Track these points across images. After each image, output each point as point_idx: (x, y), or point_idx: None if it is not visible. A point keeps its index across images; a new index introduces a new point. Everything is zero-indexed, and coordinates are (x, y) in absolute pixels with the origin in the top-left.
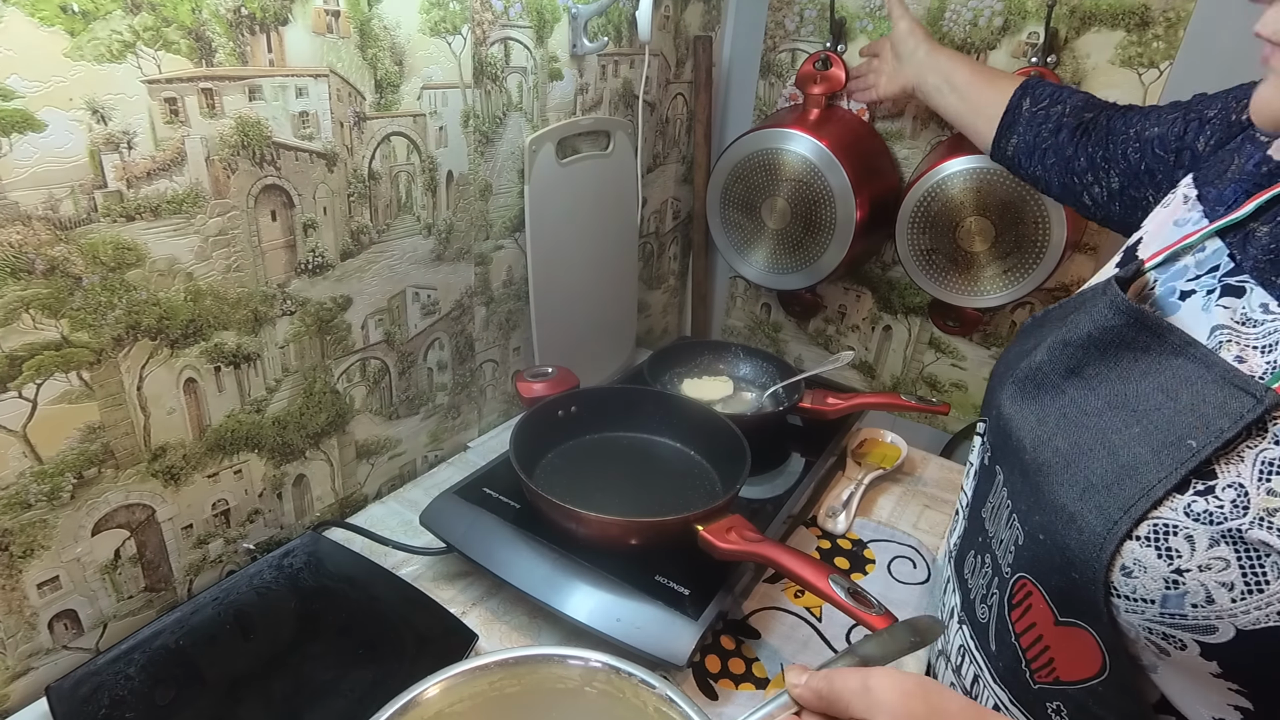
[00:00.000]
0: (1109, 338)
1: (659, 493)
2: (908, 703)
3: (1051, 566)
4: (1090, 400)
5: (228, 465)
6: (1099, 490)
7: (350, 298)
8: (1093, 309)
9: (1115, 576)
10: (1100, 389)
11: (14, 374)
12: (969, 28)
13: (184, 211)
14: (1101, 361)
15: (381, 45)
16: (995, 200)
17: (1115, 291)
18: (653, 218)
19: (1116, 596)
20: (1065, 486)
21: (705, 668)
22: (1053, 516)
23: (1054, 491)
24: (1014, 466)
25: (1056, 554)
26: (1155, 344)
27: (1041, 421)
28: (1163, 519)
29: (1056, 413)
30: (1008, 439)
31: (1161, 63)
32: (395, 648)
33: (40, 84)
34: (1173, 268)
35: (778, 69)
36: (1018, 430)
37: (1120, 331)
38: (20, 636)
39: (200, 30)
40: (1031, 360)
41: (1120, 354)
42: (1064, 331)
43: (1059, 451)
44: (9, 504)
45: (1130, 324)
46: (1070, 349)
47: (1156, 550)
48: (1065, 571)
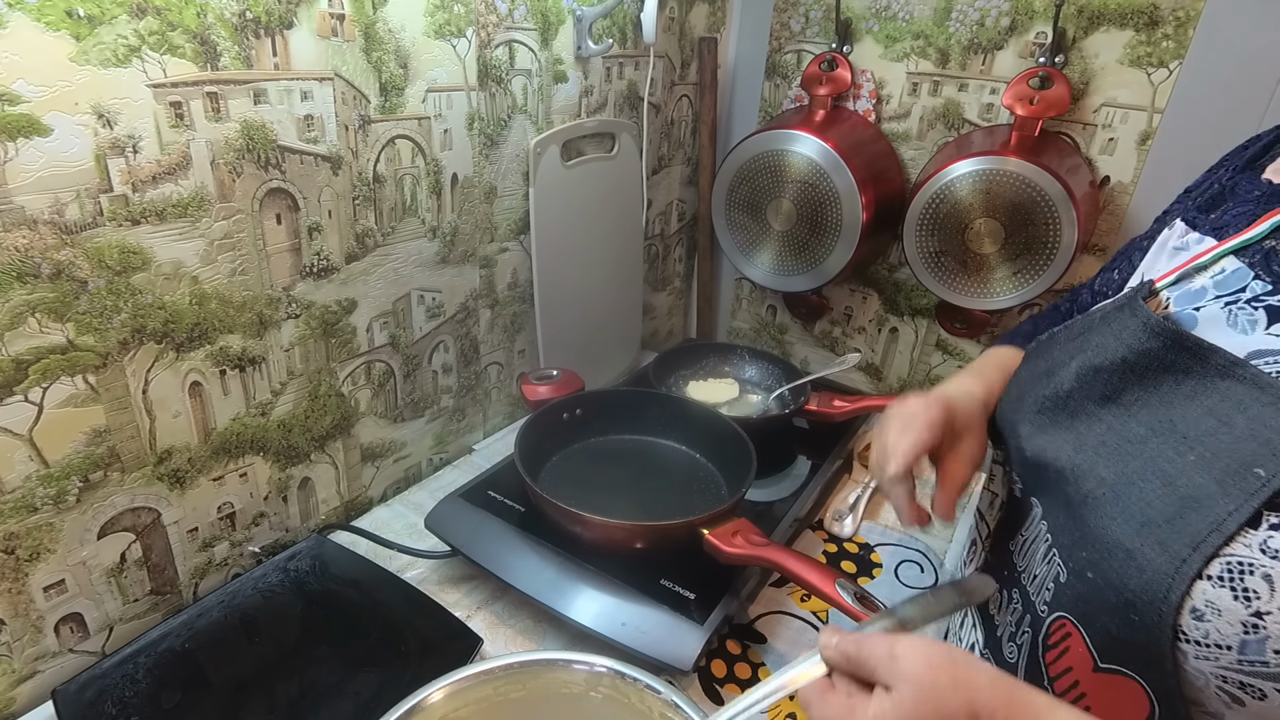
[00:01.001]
0: (1146, 361)
1: (664, 496)
2: (933, 673)
3: (1102, 607)
4: (1132, 427)
5: (233, 468)
6: (1159, 525)
7: (355, 301)
8: (1122, 331)
9: (1184, 620)
10: (1141, 415)
11: (20, 378)
12: (976, 28)
13: (189, 215)
14: (1140, 386)
15: (386, 48)
16: (1005, 201)
17: (1146, 312)
18: (658, 220)
19: (1185, 642)
20: (1118, 520)
21: (711, 673)
22: (1104, 553)
23: (1104, 526)
24: (1055, 499)
25: (1110, 594)
26: (1198, 366)
27: (1079, 450)
28: (1236, 556)
29: (1095, 440)
30: (1043, 470)
31: (1171, 62)
32: (400, 651)
33: (46, 89)
34: (1187, 289)
35: (783, 70)
36: (1053, 461)
37: (1158, 354)
38: (27, 639)
39: (205, 34)
40: (1057, 387)
41: (1160, 377)
42: (1091, 356)
43: (1104, 482)
44: (15, 507)
45: (1168, 346)
46: (1103, 374)
47: (1232, 591)
48: (1121, 613)
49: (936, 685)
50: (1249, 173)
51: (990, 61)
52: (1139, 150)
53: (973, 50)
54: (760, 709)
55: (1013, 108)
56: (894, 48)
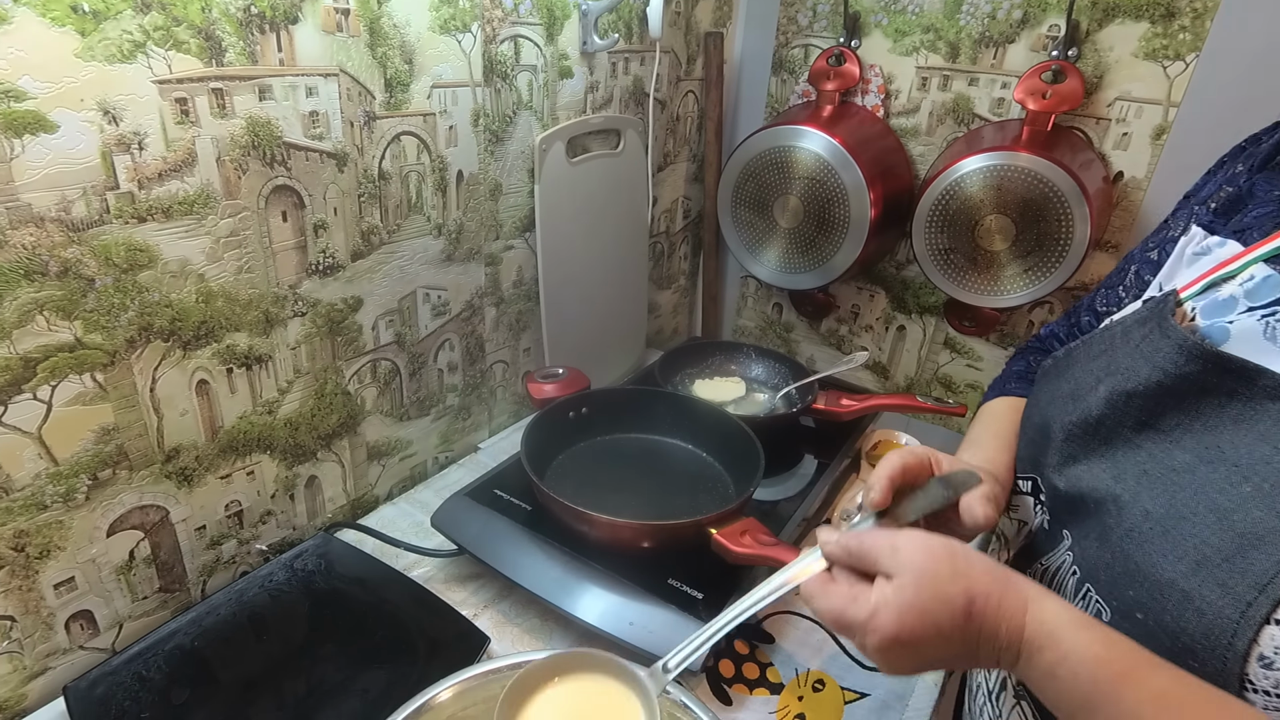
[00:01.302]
0: (1184, 386)
1: (671, 495)
2: (933, 561)
3: (1156, 650)
4: (1176, 454)
5: (240, 466)
6: (1217, 564)
7: (361, 299)
8: (1154, 354)
9: (1252, 668)
10: (1185, 441)
11: (29, 376)
12: (987, 21)
13: (195, 212)
14: (1179, 411)
15: (391, 44)
16: (1016, 198)
17: (1179, 332)
18: (663, 217)
19: (1253, 691)
20: (1169, 558)
21: (719, 672)
22: (1156, 593)
23: (1153, 563)
24: (1088, 532)
25: (1164, 638)
26: (1243, 388)
27: (1118, 479)
28: None
29: (1135, 470)
30: (1078, 501)
31: (1187, 55)
32: (407, 650)
33: (52, 85)
34: (1214, 299)
35: (790, 65)
36: (1090, 492)
37: (1197, 378)
38: (38, 636)
39: (210, 29)
40: (1086, 414)
41: (1200, 402)
42: (1121, 380)
43: (1150, 515)
44: (25, 505)
45: (1208, 368)
46: (1137, 400)
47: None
48: (1179, 658)
49: (936, 572)
50: (1267, 172)
51: (1001, 55)
52: (1153, 145)
53: (984, 44)
54: (765, 604)
55: (1024, 102)
56: (903, 41)
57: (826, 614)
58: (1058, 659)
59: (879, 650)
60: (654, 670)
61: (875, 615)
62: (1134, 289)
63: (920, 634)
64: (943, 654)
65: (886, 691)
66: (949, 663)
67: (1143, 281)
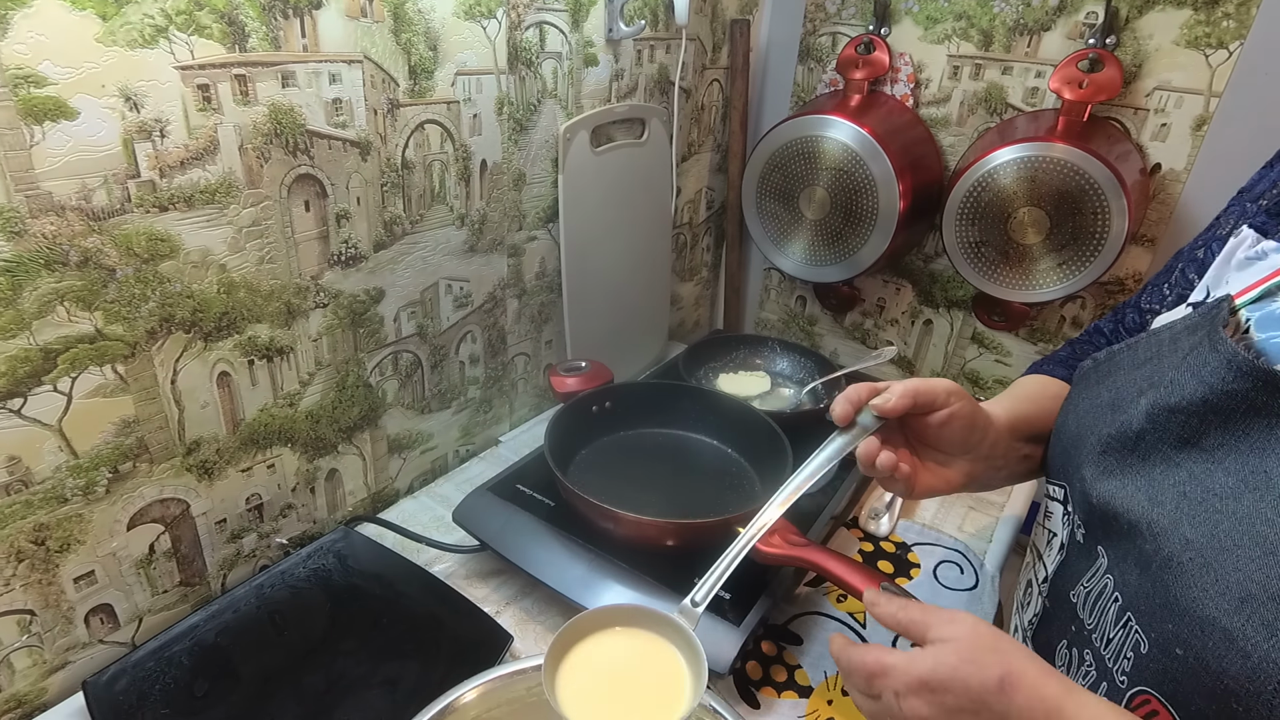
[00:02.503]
0: (1231, 404)
1: (697, 491)
2: (978, 635)
3: (1197, 689)
4: (1218, 478)
5: (261, 459)
6: (1263, 602)
7: (383, 290)
8: (1201, 368)
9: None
10: (1229, 463)
11: (49, 367)
12: (1022, 8)
13: (217, 202)
14: (1225, 431)
15: (416, 29)
16: (1051, 190)
17: (1230, 346)
18: (686, 208)
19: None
20: (1210, 594)
21: (746, 675)
22: (1197, 630)
23: (1193, 598)
24: (1126, 554)
25: (1206, 678)
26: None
27: (1155, 502)
28: None
29: (1174, 492)
30: (1112, 520)
31: (1231, 43)
32: (428, 647)
33: (72, 70)
34: (1271, 310)
35: (817, 53)
36: (1126, 512)
37: (1246, 396)
38: (57, 630)
39: (233, 14)
40: (1125, 427)
41: (1249, 422)
42: (1166, 394)
43: (1190, 544)
44: (45, 498)
45: (1258, 387)
46: (1180, 416)
47: None
48: (1220, 700)
49: (979, 645)
50: None
51: (1036, 43)
52: (1193, 136)
53: (1018, 31)
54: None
55: (1060, 91)
56: (934, 29)
57: (862, 656)
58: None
59: (906, 691)
60: (684, 609)
61: (912, 661)
62: (1179, 287)
63: (949, 686)
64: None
65: None
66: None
67: (1187, 280)
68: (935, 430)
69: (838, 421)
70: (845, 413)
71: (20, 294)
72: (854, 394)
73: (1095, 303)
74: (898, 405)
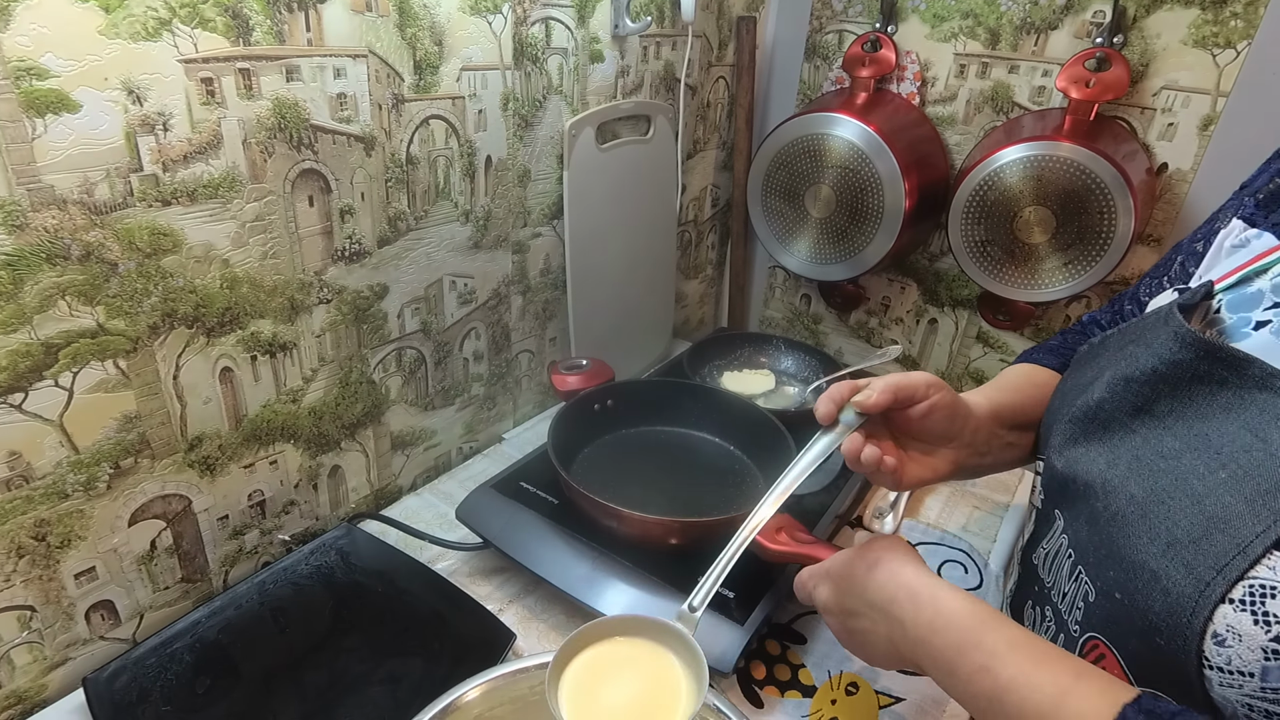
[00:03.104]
0: (1177, 373)
1: (700, 490)
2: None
3: (1131, 630)
4: (1166, 441)
5: (264, 456)
6: (1185, 545)
7: (387, 286)
8: (1154, 341)
9: (1208, 646)
10: (1177, 428)
11: (50, 362)
12: (1029, 7)
13: (220, 196)
14: (1173, 398)
15: (421, 24)
16: (1057, 189)
17: (1178, 321)
18: (691, 205)
19: (1209, 668)
20: (1144, 540)
21: (750, 674)
22: (1131, 574)
23: (1131, 545)
24: (1078, 514)
25: (1137, 617)
26: (1233, 377)
27: (1112, 465)
28: (1260, 579)
29: (1128, 455)
30: (1069, 483)
31: (1239, 43)
32: (431, 644)
33: (75, 63)
34: (1244, 292)
35: (824, 51)
36: (1084, 474)
37: (1190, 365)
38: (58, 627)
39: (237, 7)
40: (1089, 397)
41: (1193, 389)
42: (1124, 366)
43: (1133, 499)
44: (46, 494)
45: (1201, 356)
46: (1134, 385)
47: (1253, 615)
48: (1148, 637)
49: (876, 544)
50: None
51: (1043, 42)
52: (1200, 136)
53: (1025, 30)
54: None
55: (1067, 91)
56: (941, 27)
57: (799, 576)
58: (935, 612)
59: (817, 582)
60: (682, 614)
61: (823, 561)
62: (1178, 280)
63: (840, 571)
64: (851, 600)
65: (922, 696)
66: (863, 616)
67: (1186, 273)
68: (918, 422)
69: (821, 421)
70: (828, 412)
71: (22, 288)
72: (836, 393)
73: (1101, 302)
74: (879, 401)
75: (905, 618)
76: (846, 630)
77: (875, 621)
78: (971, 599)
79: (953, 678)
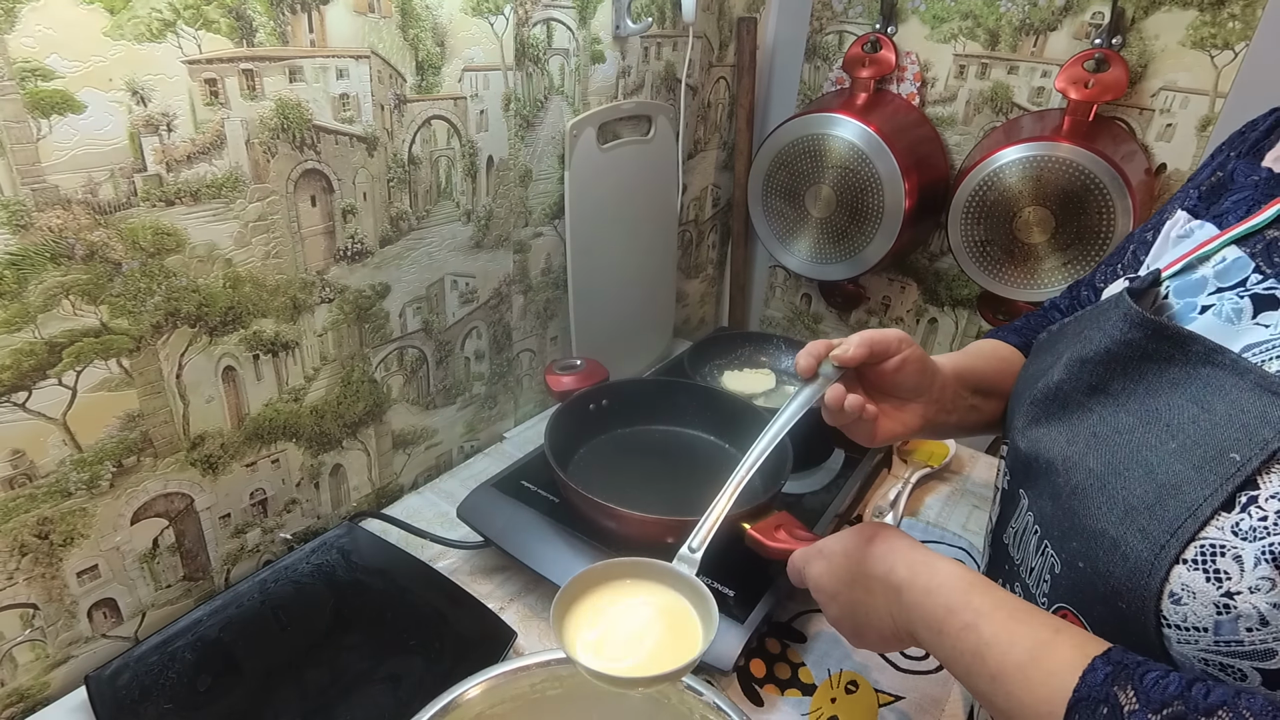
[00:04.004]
0: (1128, 352)
1: (695, 488)
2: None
3: (1095, 596)
4: (1121, 417)
5: (265, 454)
6: (1140, 512)
7: (389, 285)
8: (1106, 323)
9: (1164, 605)
10: (1130, 405)
11: (54, 361)
12: (1028, 8)
13: (223, 196)
14: (1125, 376)
15: (423, 25)
16: (1056, 189)
17: (1128, 304)
18: (692, 205)
19: (1168, 627)
20: (1103, 510)
21: (750, 672)
22: (1092, 543)
23: (1091, 516)
24: (1042, 491)
25: (1100, 583)
26: (1179, 354)
27: (1071, 442)
28: (1210, 539)
29: (1086, 432)
30: (1032, 462)
31: (1237, 44)
32: (432, 642)
33: (80, 64)
34: (1189, 279)
35: (824, 52)
36: (1045, 453)
37: (1140, 344)
38: (60, 625)
39: (241, 9)
40: (1049, 380)
41: (1144, 367)
42: (1079, 348)
43: (1092, 472)
44: (49, 492)
45: (1149, 336)
46: (1089, 366)
47: (1205, 573)
48: (1111, 601)
49: (870, 525)
50: (1249, 159)
51: (1042, 43)
52: (1199, 137)
53: (1024, 31)
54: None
55: (1066, 91)
56: (941, 28)
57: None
58: (930, 575)
59: (810, 561)
60: (683, 556)
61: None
62: (1130, 268)
63: (835, 549)
64: (846, 574)
65: (922, 695)
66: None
67: (1138, 261)
68: (890, 376)
69: (801, 374)
70: (808, 365)
71: (26, 287)
72: (814, 348)
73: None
74: (856, 354)
75: (902, 584)
76: (839, 604)
77: (870, 591)
78: (965, 568)
79: (940, 635)
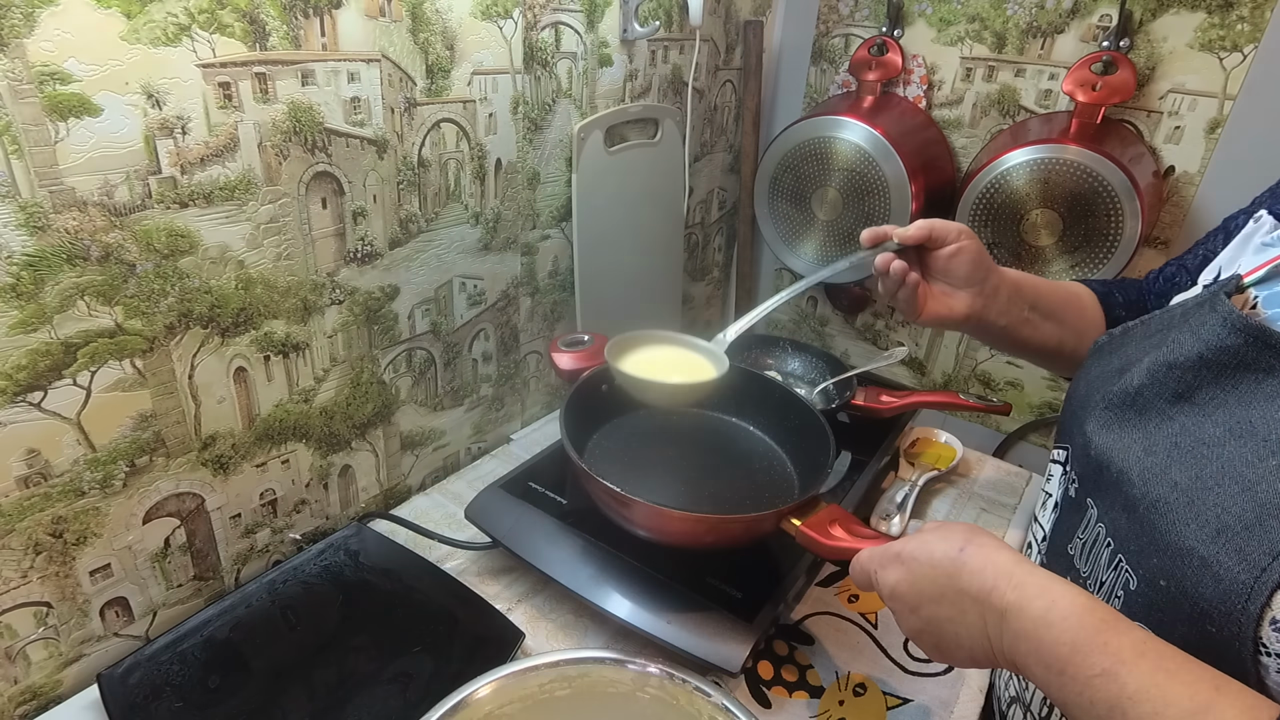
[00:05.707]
0: (1224, 359)
1: (722, 478)
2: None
3: (1179, 617)
4: (1207, 428)
5: (276, 455)
6: (1237, 532)
7: (398, 287)
8: (1200, 327)
9: (1265, 632)
10: (1218, 415)
11: (69, 361)
12: (1035, 10)
13: (236, 198)
14: (1216, 385)
15: (433, 29)
16: (1064, 192)
17: (1228, 307)
18: (698, 208)
19: (1266, 655)
20: (1191, 526)
21: (758, 674)
22: (1177, 560)
23: (1176, 532)
24: (1114, 501)
25: (1185, 604)
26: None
27: (1149, 451)
28: None
29: (1167, 442)
30: (1104, 470)
31: (1246, 46)
32: (440, 643)
33: (97, 67)
34: (1275, 289)
35: (830, 55)
36: (1119, 461)
37: (1238, 352)
38: (73, 623)
39: (254, 13)
40: (1127, 383)
41: (1239, 376)
42: (1165, 352)
43: (1177, 486)
44: (63, 491)
45: (1251, 343)
46: (1176, 371)
47: None
48: (1197, 624)
49: (951, 525)
50: None
51: (1050, 46)
52: (1207, 139)
53: (1031, 34)
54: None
55: (1073, 94)
56: (947, 31)
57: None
58: (1048, 605)
59: (883, 565)
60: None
61: (891, 542)
62: (1204, 263)
63: (916, 554)
64: (933, 587)
65: (930, 698)
66: (947, 603)
67: (1211, 255)
68: (944, 262)
69: (864, 243)
70: (873, 235)
71: (42, 288)
72: (880, 228)
73: None
74: (916, 234)
75: (1008, 608)
76: (921, 619)
77: (963, 610)
78: (1088, 594)
79: (1063, 677)
